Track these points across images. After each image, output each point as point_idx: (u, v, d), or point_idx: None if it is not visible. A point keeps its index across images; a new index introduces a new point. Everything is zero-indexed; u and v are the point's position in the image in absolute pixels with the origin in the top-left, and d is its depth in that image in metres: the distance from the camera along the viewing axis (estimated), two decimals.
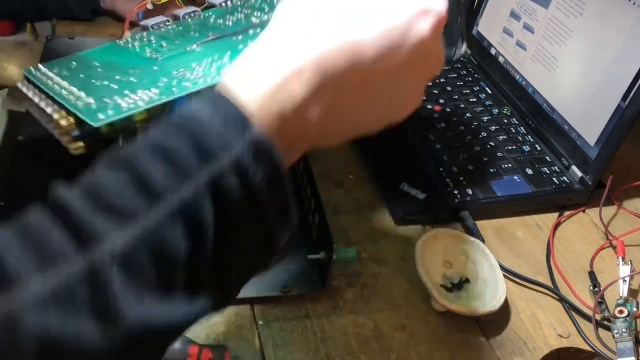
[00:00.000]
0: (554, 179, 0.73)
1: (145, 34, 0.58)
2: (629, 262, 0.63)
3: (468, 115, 0.83)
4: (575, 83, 0.75)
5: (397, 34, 0.36)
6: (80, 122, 0.44)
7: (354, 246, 0.64)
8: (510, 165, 0.74)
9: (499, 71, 0.89)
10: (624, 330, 0.56)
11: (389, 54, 0.36)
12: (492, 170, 0.73)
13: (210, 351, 0.49)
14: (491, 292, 0.58)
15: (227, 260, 0.32)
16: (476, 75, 0.92)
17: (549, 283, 0.63)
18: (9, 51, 1.07)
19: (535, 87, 0.82)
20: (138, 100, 0.45)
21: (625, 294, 0.60)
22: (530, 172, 0.73)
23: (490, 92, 0.88)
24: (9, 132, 0.77)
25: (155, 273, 0.29)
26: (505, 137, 0.79)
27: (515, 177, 0.73)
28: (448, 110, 0.83)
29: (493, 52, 0.91)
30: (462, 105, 0.84)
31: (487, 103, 0.85)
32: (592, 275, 0.64)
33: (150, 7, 0.73)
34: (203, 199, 0.30)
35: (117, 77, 0.50)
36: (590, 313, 0.60)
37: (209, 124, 0.31)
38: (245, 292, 0.57)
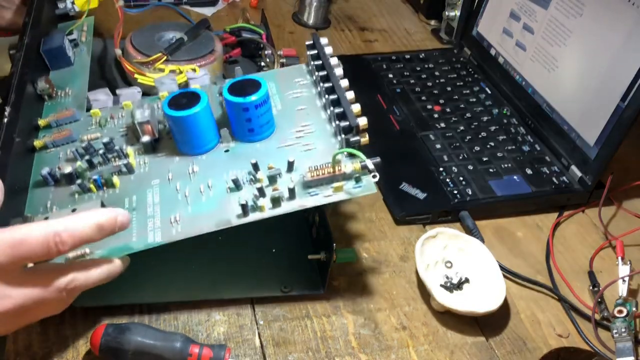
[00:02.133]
0: (554, 178, 0.73)
1: None
2: (628, 262, 0.63)
3: (468, 115, 0.83)
4: (574, 83, 0.75)
5: None
6: None
7: (354, 246, 0.64)
8: (509, 165, 0.74)
9: (498, 71, 0.89)
10: (623, 330, 0.56)
11: None
12: (491, 170, 0.73)
13: (211, 350, 0.49)
14: (490, 292, 0.58)
15: None
16: (476, 76, 0.92)
17: (548, 283, 0.63)
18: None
19: (534, 87, 0.82)
20: None
21: (625, 294, 0.60)
22: (529, 172, 0.74)
23: (489, 92, 0.88)
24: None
25: None
26: (504, 137, 0.79)
27: (515, 177, 0.73)
28: (448, 110, 0.83)
29: (493, 52, 0.91)
30: (462, 105, 0.85)
31: (487, 103, 0.86)
32: (591, 275, 0.64)
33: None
34: None
35: None
36: (589, 313, 0.60)
37: None
38: (246, 292, 0.57)
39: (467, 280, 0.60)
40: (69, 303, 0.47)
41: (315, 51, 0.61)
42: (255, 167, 0.52)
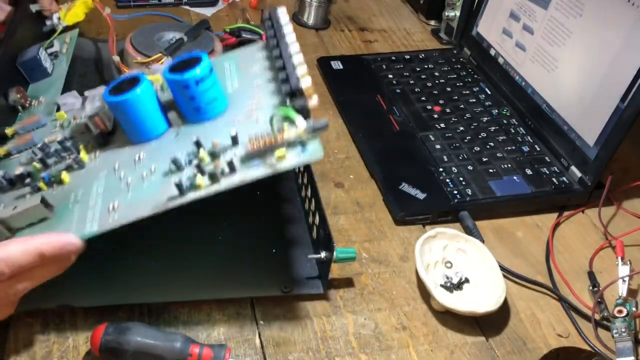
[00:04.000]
0: (553, 179, 0.73)
1: None
2: (628, 262, 0.63)
3: (467, 115, 0.83)
4: (574, 83, 0.75)
5: None
6: None
7: (354, 246, 0.64)
8: (509, 166, 0.74)
9: (498, 72, 0.89)
10: (623, 330, 0.56)
11: None
12: (491, 170, 0.73)
13: (211, 350, 0.49)
14: (490, 292, 0.58)
15: None
16: (475, 76, 0.92)
17: (548, 283, 0.63)
18: None
19: (534, 87, 0.82)
20: None
21: (624, 294, 0.60)
22: (529, 172, 0.74)
23: (489, 92, 0.88)
24: None
25: None
26: (504, 137, 0.79)
27: (515, 177, 0.73)
28: (448, 110, 0.83)
29: (492, 52, 0.91)
30: (462, 106, 0.85)
31: (487, 103, 0.86)
32: (591, 275, 0.64)
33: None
34: None
35: None
36: (589, 313, 0.60)
37: None
38: (246, 292, 0.57)
39: (467, 280, 0.60)
40: (14, 306, 0.47)
41: (271, 22, 0.58)
42: (198, 144, 0.49)
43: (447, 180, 0.71)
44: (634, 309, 0.58)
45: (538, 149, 0.78)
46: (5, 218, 0.47)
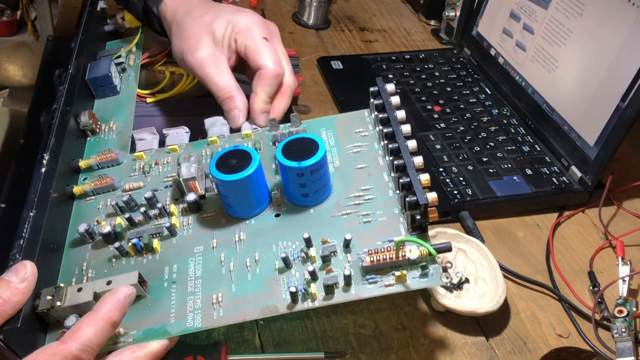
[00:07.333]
0: (554, 179, 0.73)
1: None
2: (628, 262, 0.63)
3: (468, 115, 0.83)
4: (574, 83, 0.75)
5: None
6: None
7: None
8: (509, 165, 0.74)
9: (498, 71, 0.89)
10: (623, 330, 0.56)
11: None
12: (491, 170, 0.73)
13: (204, 356, 0.49)
14: (491, 292, 0.58)
15: None
16: (476, 76, 0.92)
17: (548, 283, 0.63)
18: (9, 51, 1.07)
19: (534, 87, 0.82)
20: None
21: (625, 294, 0.60)
22: (529, 172, 0.74)
23: (489, 92, 0.88)
24: (10, 132, 0.77)
25: None
26: (504, 137, 0.79)
27: (515, 177, 0.73)
28: (448, 110, 0.83)
29: (492, 52, 0.91)
30: (462, 106, 0.85)
31: (487, 103, 0.86)
32: (591, 275, 0.64)
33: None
34: None
35: None
36: (589, 313, 0.60)
37: None
38: None
39: (467, 280, 0.60)
40: None
41: (380, 101, 0.54)
42: (308, 242, 0.46)
43: (447, 180, 0.71)
44: (634, 309, 0.58)
45: (538, 148, 0.78)
46: (100, 293, 0.43)
